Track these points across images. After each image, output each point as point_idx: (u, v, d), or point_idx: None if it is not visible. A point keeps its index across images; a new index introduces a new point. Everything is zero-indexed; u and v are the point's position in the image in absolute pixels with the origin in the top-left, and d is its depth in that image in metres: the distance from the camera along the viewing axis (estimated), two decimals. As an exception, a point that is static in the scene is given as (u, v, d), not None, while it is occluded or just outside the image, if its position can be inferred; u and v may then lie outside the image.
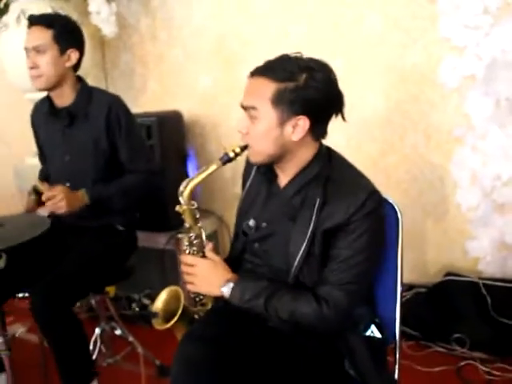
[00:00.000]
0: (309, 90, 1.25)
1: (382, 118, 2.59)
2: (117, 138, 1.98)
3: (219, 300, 1.44)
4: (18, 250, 1.59)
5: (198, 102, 3.03)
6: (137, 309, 2.81)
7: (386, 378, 1.38)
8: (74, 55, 1.97)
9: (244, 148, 1.35)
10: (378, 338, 1.41)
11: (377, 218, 1.29)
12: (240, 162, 3.06)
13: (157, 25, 3.06)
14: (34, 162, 3.03)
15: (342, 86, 1.32)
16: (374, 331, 1.42)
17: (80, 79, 2.05)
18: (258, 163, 1.39)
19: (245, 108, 1.32)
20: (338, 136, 2.56)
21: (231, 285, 1.34)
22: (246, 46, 2.83)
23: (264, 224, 1.42)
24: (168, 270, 2.79)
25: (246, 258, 1.47)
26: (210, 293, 1.41)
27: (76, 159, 2.01)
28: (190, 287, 1.41)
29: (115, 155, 2.00)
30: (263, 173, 1.45)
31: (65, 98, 2.01)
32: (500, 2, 2.23)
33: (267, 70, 1.29)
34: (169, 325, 1.43)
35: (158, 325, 1.47)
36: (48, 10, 2.74)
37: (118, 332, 2.27)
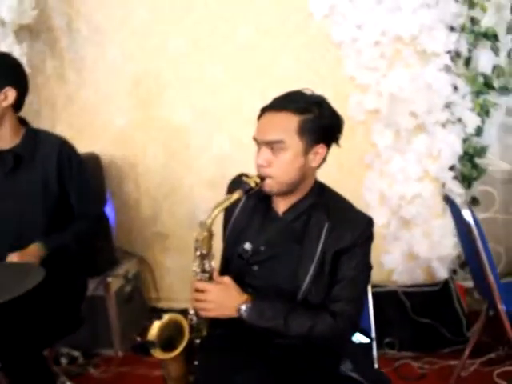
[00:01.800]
0: (324, 119, 1.40)
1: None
2: (67, 181, 1.92)
3: (215, 326, 1.49)
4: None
5: (113, 143, 3.01)
6: (64, 362, 2.64)
7: (379, 375, 1.54)
8: (11, 94, 1.84)
9: (263, 179, 1.41)
10: (367, 343, 1.59)
11: (371, 240, 1.47)
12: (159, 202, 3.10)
13: (65, 65, 3.01)
14: None
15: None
16: (359, 337, 1.60)
17: (23, 121, 1.96)
18: (274, 192, 1.45)
19: (267, 142, 1.39)
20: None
21: (248, 306, 1.38)
22: (163, 86, 2.92)
23: (263, 247, 1.49)
24: (99, 318, 2.68)
25: (245, 281, 1.50)
26: (225, 316, 1.41)
27: (23, 204, 1.88)
28: (203, 313, 1.42)
29: (65, 198, 1.93)
30: (259, 200, 1.52)
31: (5, 139, 1.88)
32: (392, 49, 2.63)
33: (287, 104, 1.39)
34: (175, 353, 1.43)
35: (159, 354, 1.46)
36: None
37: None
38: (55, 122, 3.06)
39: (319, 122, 1.40)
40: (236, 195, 1.40)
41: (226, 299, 1.41)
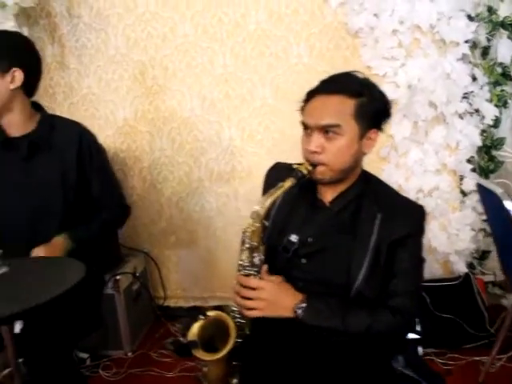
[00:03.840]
0: (376, 102, 1.33)
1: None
2: (88, 170, 1.81)
3: (258, 324, 1.40)
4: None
5: (117, 136, 2.88)
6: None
7: (434, 374, 1.48)
8: (18, 75, 1.71)
9: (315, 166, 1.34)
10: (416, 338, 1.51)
11: (424, 231, 1.40)
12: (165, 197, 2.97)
13: (65, 53, 2.86)
14: None
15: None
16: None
17: (38, 106, 1.83)
18: (326, 180, 1.38)
19: (322, 127, 1.32)
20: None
21: (304, 305, 1.30)
22: (170, 75, 2.79)
23: (310, 239, 1.41)
24: (107, 318, 2.55)
25: (293, 275, 1.43)
26: (277, 316, 1.34)
27: (39, 195, 1.76)
28: (253, 313, 1.33)
29: (84, 188, 1.82)
30: (303, 189, 1.45)
31: (17, 126, 1.76)
32: (410, 38, 2.56)
33: (341, 87, 1.32)
34: (221, 354, 1.34)
35: (202, 355, 1.36)
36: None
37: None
38: (55, 113, 2.88)
39: (372, 105, 1.33)
40: (288, 183, 1.33)
41: (280, 298, 1.33)
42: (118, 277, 2.58)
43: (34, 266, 1.31)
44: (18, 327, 1.16)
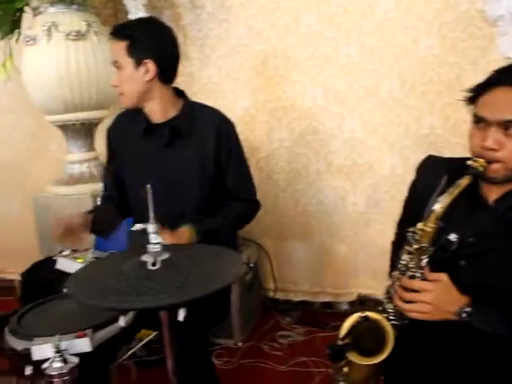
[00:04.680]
0: None
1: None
2: (224, 160, 1.79)
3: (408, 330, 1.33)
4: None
5: (236, 126, 2.88)
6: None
7: None
8: (151, 66, 1.71)
9: (489, 162, 1.25)
10: None
11: None
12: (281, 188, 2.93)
13: (187, 43, 2.90)
14: (56, 191, 2.72)
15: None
16: None
17: (180, 92, 1.85)
18: (498, 179, 1.28)
19: (503, 122, 1.23)
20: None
21: (470, 309, 1.22)
22: (292, 66, 2.76)
23: (471, 239, 1.32)
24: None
25: (451, 277, 1.33)
26: (441, 319, 1.26)
27: (176, 182, 1.77)
28: (415, 315, 1.27)
29: (219, 178, 1.80)
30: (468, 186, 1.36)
31: (159, 113, 1.78)
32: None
33: None
34: (379, 359, 1.28)
35: (357, 358, 1.30)
36: (81, 23, 2.52)
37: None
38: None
39: None
40: (465, 181, 1.25)
41: (446, 301, 1.24)
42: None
43: (194, 253, 1.30)
44: (181, 315, 1.15)
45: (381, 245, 2.76)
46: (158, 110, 1.78)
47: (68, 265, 2.06)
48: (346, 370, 1.37)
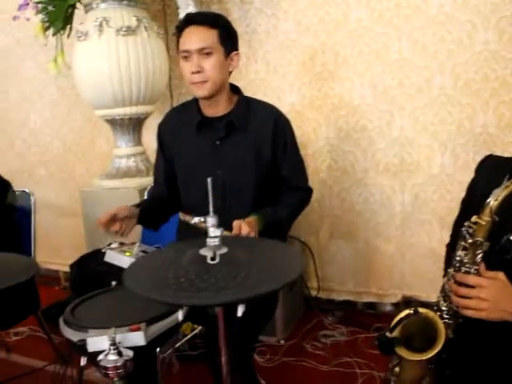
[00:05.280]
0: None
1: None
2: (280, 152, 1.79)
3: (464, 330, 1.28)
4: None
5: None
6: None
7: None
8: (236, 58, 1.78)
9: None
10: None
11: None
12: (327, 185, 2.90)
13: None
14: (103, 185, 2.76)
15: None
16: None
17: (235, 87, 1.85)
18: None
19: None
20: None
21: None
22: (341, 61, 2.71)
23: None
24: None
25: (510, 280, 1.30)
26: (497, 319, 1.21)
27: (232, 174, 1.76)
28: (470, 313, 1.22)
29: (275, 169, 1.81)
30: None
31: (219, 107, 1.79)
32: None
33: None
34: (429, 355, 1.23)
35: (405, 354, 1.26)
36: (132, 19, 2.55)
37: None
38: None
39: None
40: None
41: (503, 300, 1.18)
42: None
43: (251, 246, 1.28)
44: (240, 310, 1.13)
45: (428, 246, 2.71)
46: (222, 102, 1.79)
47: (116, 258, 2.08)
48: (397, 369, 1.35)
